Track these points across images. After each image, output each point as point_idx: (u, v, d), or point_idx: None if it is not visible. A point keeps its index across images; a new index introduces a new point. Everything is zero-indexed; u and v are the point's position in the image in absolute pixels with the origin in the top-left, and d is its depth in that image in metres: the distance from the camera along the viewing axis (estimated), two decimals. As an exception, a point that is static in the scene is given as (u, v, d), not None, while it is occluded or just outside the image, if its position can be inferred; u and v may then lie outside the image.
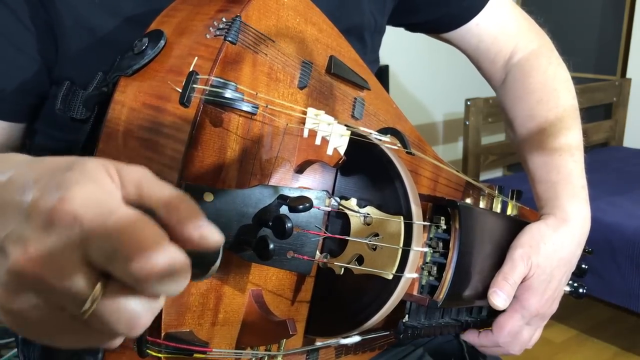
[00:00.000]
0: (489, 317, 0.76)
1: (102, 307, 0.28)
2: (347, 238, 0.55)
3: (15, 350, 1.66)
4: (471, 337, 0.74)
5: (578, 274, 0.83)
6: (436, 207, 0.61)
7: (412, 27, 0.86)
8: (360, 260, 0.55)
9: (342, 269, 0.55)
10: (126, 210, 0.29)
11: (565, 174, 0.75)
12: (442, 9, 0.80)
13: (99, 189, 0.29)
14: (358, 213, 0.56)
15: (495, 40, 0.84)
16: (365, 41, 0.72)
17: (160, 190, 0.31)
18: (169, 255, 0.28)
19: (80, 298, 0.28)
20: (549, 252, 0.70)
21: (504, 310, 0.71)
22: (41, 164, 0.32)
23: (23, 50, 0.56)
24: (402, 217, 0.54)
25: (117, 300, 0.28)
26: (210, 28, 0.48)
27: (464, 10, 0.81)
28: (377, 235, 0.55)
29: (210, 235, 0.31)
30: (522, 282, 0.69)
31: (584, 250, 0.78)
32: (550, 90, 0.80)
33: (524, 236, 0.70)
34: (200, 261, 0.32)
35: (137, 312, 0.29)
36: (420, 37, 0.98)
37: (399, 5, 0.77)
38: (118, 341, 0.32)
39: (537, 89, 0.81)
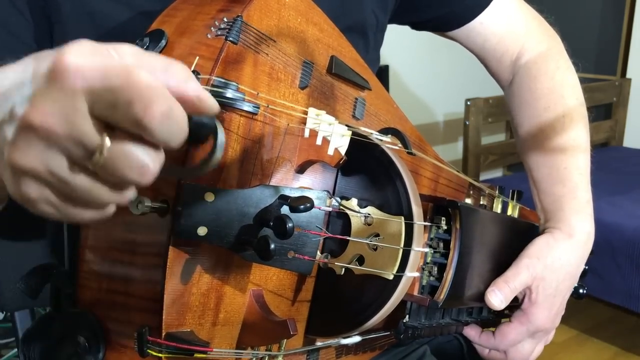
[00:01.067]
0: (489, 318, 0.76)
1: (112, 155, 0.30)
2: (347, 238, 0.55)
3: (15, 350, 1.66)
4: (472, 333, 0.74)
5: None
6: (437, 208, 0.61)
7: (416, 26, 0.85)
8: (360, 260, 0.55)
9: (343, 269, 0.55)
10: (125, 60, 0.30)
11: (571, 187, 0.75)
12: (444, 8, 0.80)
13: (97, 48, 0.30)
14: (359, 213, 0.56)
15: (502, 40, 0.83)
16: (368, 38, 0.72)
17: (156, 57, 0.33)
18: (167, 99, 0.29)
19: (90, 146, 0.29)
20: (556, 266, 0.70)
21: (510, 319, 0.71)
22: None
23: (18, 36, 0.55)
24: (402, 218, 0.54)
25: (125, 147, 0.30)
26: (212, 28, 0.48)
27: (467, 9, 0.80)
28: (377, 235, 0.55)
29: (206, 97, 0.33)
30: (529, 298, 0.70)
31: None
32: (558, 96, 0.79)
33: (532, 247, 0.70)
34: (198, 129, 0.34)
35: (144, 159, 0.30)
36: (421, 37, 0.98)
37: (401, 4, 0.76)
38: (112, 209, 0.34)
39: (544, 94, 0.80)
